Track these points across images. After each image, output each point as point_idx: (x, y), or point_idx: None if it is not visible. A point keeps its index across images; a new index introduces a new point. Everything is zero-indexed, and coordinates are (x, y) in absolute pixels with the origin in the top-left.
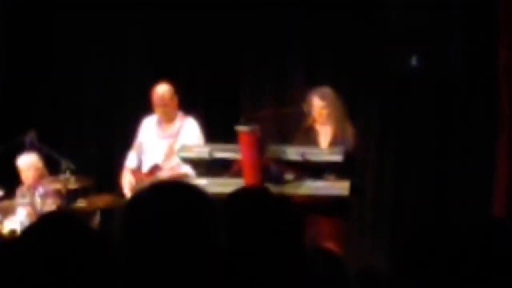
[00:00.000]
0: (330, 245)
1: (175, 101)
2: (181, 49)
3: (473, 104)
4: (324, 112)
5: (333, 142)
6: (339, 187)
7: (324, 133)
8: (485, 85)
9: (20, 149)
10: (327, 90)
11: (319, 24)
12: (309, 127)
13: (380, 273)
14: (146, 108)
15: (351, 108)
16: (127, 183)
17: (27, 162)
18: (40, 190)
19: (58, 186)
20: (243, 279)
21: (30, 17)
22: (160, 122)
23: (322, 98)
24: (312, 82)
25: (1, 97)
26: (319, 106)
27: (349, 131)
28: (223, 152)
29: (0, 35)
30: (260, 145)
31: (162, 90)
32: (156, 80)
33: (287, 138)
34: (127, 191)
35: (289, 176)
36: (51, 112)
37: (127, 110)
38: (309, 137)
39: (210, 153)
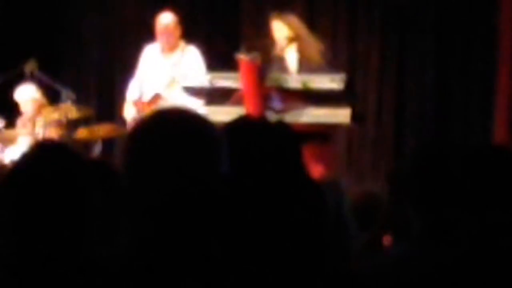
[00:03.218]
0: (319, 169)
1: (178, 31)
2: None
3: (473, 32)
4: (285, 34)
5: (301, 64)
6: (340, 115)
7: (291, 58)
8: (486, 11)
9: (21, 78)
10: (286, 14)
11: None
12: (276, 55)
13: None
14: (146, 35)
15: (351, 36)
16: (131, 116)
17: (26, 95)
18: (41, 120)
19: (58, 116)
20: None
21: None
22: (162, 51)
23: (280, 20)
24: (312, 10)
25: (0, 26)
26: (278, 29)
27: (314, 48)
28: (224, 81)
29: None
30: (260, 73)
31: (166, 19)
32: (156, 7)
33: None
34: (131, 124)
35: (289, 104)
36: (50, 41)
37: (127, 37)
38: (280, 65)
39: (211, 81)
